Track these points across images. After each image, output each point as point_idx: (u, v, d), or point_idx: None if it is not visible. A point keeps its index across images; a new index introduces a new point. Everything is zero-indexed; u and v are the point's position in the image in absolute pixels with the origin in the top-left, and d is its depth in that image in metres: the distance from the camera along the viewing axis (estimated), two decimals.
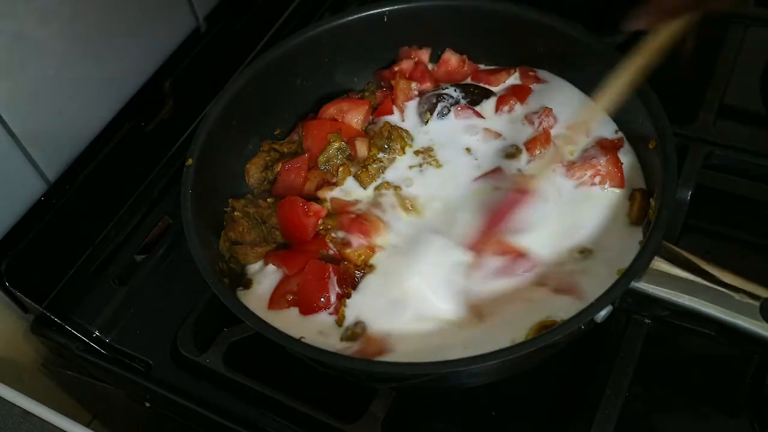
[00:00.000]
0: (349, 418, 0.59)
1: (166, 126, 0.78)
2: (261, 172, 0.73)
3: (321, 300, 0.63)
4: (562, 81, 0.74)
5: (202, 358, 0.64)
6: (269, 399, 0.62)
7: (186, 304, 0.67)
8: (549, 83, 0.75)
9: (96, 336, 0.68)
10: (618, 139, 0.69)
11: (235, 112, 0.71)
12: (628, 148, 0.69)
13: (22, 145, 0.66)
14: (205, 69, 0.81)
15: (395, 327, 0.61)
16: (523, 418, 0.62)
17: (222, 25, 0.83)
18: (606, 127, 0.70)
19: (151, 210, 0.76)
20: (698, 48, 0.88)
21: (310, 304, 0.63)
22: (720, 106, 0.75)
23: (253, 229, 0.68)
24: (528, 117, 0.72)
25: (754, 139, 0.75)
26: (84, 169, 0.72)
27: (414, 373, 0.56)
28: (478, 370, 0.56)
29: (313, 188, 0.71)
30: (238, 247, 0.67)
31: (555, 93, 0.73)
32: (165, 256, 0.73)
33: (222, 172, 0.72)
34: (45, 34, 0.65)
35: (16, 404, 0.59)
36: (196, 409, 0.63)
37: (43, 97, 0.67)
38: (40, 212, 0.69)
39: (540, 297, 0.61)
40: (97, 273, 0.72)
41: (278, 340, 0.56)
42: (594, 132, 0.70)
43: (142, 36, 0.75)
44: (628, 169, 0.67)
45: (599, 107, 0.64)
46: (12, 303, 0.68)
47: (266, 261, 0.67)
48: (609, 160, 0.67)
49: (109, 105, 0.74)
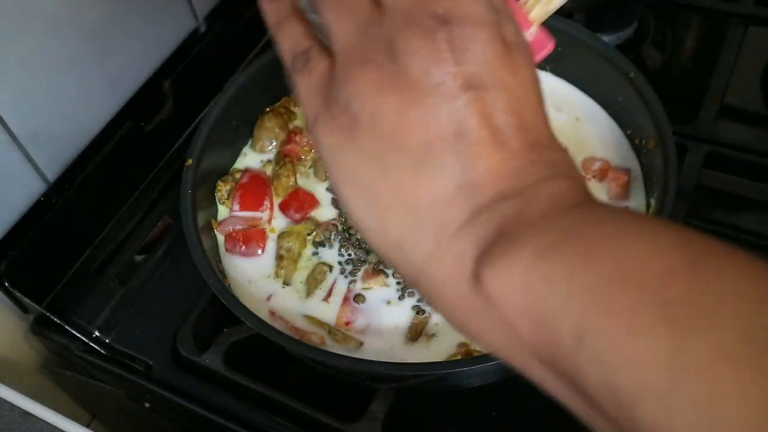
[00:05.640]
0: (349, 418, 0.59)
1: (165, 126, 0.78)
2: (276, 130, 0.73)
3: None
4: None
5: (202, 358, 0.64)
6: (269, 399, 0.62)
7: (186, 304, 0.67)
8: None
9: (96, 336, 0.68)
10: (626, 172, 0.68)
11: (235, 112, 0.71)
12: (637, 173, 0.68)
13: (22, 145, 0.66)
14: (204, 69, 0.81)
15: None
16: (523, 418, 0.62)
17: (221, 25, 0.83)
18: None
19: (151, 210, 0.76)
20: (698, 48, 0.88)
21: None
22: (720, 106, 0.75)
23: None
24: None
25: (754, 139, 0.75)
26: (84, 169, 0.71)
27: (414, 374, 0.56)
28: (478, 370, 0.56)
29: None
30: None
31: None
32: (165, 256, 0.73)
33: (222, 171, 0.72)
34: (44, 34, 0.65)
35: (16, 404, 0.58)
36: (196, 409, 0.63)
37: (42, 97, 0.67)
38: (40, 212, 0.69)
39: None
40: (97, 273, 0.72)
41: (278, 340, 0.56)
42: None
43: (142, 36, 0.75)
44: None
45: None
46: (12, 303, 0.68)
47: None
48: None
49: (108, 105, 0.74)
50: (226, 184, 0.71)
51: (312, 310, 0.64)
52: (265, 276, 0.66)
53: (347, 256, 0.66)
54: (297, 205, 0.70)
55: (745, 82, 0.79)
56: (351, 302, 0.64)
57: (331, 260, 0.66)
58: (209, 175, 0.70)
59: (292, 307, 0.64)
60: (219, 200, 0.71)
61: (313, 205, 0.70)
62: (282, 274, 0.66)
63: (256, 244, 0.67)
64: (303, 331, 0.62)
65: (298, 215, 0.69)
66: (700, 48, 0.88)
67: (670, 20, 0.87)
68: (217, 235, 0.69)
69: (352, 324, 0.63)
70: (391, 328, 0.62)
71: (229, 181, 0.71)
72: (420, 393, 0.65)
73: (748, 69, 0.80)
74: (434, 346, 0.61)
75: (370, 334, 0.62)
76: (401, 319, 0.62)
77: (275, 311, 0.64)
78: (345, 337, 0.61)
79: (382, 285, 0.64)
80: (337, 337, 0.61)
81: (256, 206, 0.70)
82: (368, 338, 0.62)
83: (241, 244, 0.67)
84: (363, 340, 0.61)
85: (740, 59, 0.79)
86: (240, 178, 0.72)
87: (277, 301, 0.65)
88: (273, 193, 0.71)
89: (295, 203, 0.70)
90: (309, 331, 0.62)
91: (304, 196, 0.70)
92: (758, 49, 0.82)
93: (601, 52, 0.68)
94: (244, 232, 0.68)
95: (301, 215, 0.69)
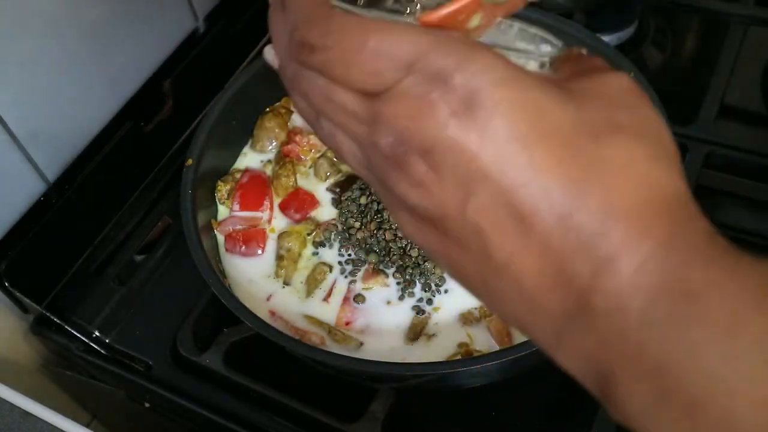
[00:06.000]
0: (349, 418, 0.59)
1: (165, 126, 0.78)
2: (276, 130, 0.73)
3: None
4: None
5: (202, 358, 0.64)
6: (269, 399, 0.62)
7: (186, 304, 0.67)
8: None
9: (96, 336, 0.68)
10: None
11: (235, 112, 0.71)
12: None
13: (22, 145, 0.66)
14: (204, 69, 0.81)
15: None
16: (523, 418, 0.62)
17: (221, 25, 0.83)
18: None
19: (151, 210, 0.76)
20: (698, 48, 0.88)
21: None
22: (720, 106, 0.75)
23: None
24: None
25: (754, 139, 0.75)
26: (84, 169, 0.71)
27: (414, 374, 0.56)
28: (478, 370, 0.56)
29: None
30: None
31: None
32: (165, 256, 0.73)
33: (222, 171, 0.72)
34: (44, 34, 0.65)
35: (16, 404, 0.58)
36: (196, 409, 0.63)
37: (42, 97, 0.67)
38: (40, 212, 0.69)
39: None
40: (97, 273, 0.72)
41: (278, 340, 0.56)
42: None
43: (142, 36, 0.75)
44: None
45: None
46: (12, 303, 0.68)
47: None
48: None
49: (108, 105, 0.74)
50: (226, 184, 0.71)
51: (312, 310, 0.64)
52: (265, 276, 0.66)
53: (347, 256, 0.66)
54: (297, 205, 0.70)
55: (745, 82, 0.79)
56: (351, 302, 0.64)
57: (331, 260, 0.66)
58: (209, 175, 0.70)
59: (292, 307, 0.64)
60: (219, 200, 0.71)
61: (313, 205, 0.70)
62: (282, 274, 0.66)
63: (256, 244, 0.67)
64: (303, 331, 0.62)
65: (298, 215, 0.69)
66: (700, 48, 0.88)
67: (670, 20, 0.87)
68: (217, 235, 0.69)
69: (352, 324, 0.63)
70: (391, 328, 0.62)
71: (229, 181, 0.71)
72: (420, 393, 0.65)
73: (748, 69, 0.80)
74: (434, 346, 0.61)
75: (370, 334, 0.62)
76: (401, 319, 0.62)
77: (275, 311, 0.64)
78: (345, 337, 0.61)
79: (382, 285, 0.64)
80: (337, 337, 0.61)
81: (256, 206, 0.70)
82: (368, 338, 0.62)
83: (241, 244, 0.67)
84: (363, 340, 0.61)
85: (740, 59, 0.79)
86: (240, 178, 0.72)
87: (277, 301, 0.65)
88: (273, 193, 0.71)
89: (295, 203, 0.70)
90: (309, 331, 0.62)
91: (304, 196, 0.70)
92: (758, 49, 0.82)
93: (601, 52, 0.68)
94: (244, 232, 0.68)
95: (301, 215, 0.69)
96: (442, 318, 0.62)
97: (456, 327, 0.61)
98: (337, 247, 0.67)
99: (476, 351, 0.59)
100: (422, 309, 0.62)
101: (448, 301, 0.62)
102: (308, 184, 0.72)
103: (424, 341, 0.61)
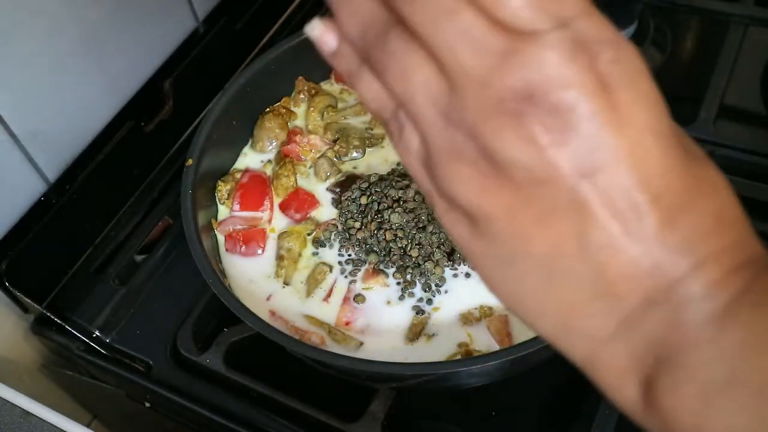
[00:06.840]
0: (349, 418, 0.59)
1: (165, 126, 0.78)
2: (276, 130, 0.73)
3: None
4: None
5: (202, 358, 0.64)
6: (269, 399, 0.62)
7: (186, 304, 0.67)
8: None
9: (96, 336, 0.68)
10: None
11: (235, 111, 0.71)
12: None
13: (22, 145, 0.66)
14: (204, 69, 0.81)
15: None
16: (523, 418, 0.62)
17: (221, 25, 0.83)
18: None
19: (151, 210, 0.76)
20: (698, 48, 0.88)
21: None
22: (720, 106, 0.75)
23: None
24: None
25: (755, 139, 0.75)
26: (84, 169, 0.72)
27: (414, 374, 0.56)
28: (478, 370, 0.56)
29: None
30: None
31: None
32: (165, 256, 0.73)
33: (222, 171, 0.72)
34: (44, 34, 0.65)
35: (16, 404, 0.58)
36: (196, 409, 0.63)
37: (42, 97, 0.67)
38: (40, 212, 0.69)
39: None
40: (97, 273, 0.72)
41: (278, 340, 0.56)
42: None
43: (142, 36, 0.75)
44: None
45: None
46: (12, 303, 0.68)
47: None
48: None
49: (108, 105, 0.74)
50: (227, 184, 0.71)
51: (312, 310, 0.64)
52: (265, 276, 0.66)
53: (347, 256, 0.66)
54: (297, 205, 0.70)
55: (745, 82, 0.79)
56: (351, 302, 0.64)
57: (331, 260, 0.66)
58: (209, 175, 0.70)
59: (292, 307, 0.64)
60: (219, 200, 0.71)
61: (313, 205, 0.70)
62: (282, 274, 0.66)
63: (257, 244, 0.67)
64: (303, 331, 0.62)
65: (298, 215, 0.69)
66: (700, 48, 0.88)
67: (670, 20, 0.87)
68: (217, 235, 0.69)
69: (352, 324, 0.63)
70: (391, 328, 0.62)
71: (229, 181, 0.71)
72: (420, 393, 0.65)
73: (748, 69, 0.80)
74: (434, 346, 0.61)
75: (370, 334, 0.62)
76: (401, 319, 0.62)
77: (275, 311, 0.64)
78: (345, 337, 0.61)
79: (382, 285, 0.64)
80: (337, 337, 0.61)
81: (256, 206, 0.70)
82: (368, 338, 0.62)
83: (242, 243, 0.67)
84: (363, 340, 0.62)
85: (740, 59, 0.79)
86: (240, 178, 0.72)
87: (277, 300, 0.65)
88: (273, 193, 0.71)
89: (295, 203, 0.70)
90: (309, 331, 0.62)
91: (304, 196, 0.70)
92: (758, 49, 0.82)
93: None
94: (245, 232, 0.68)
95: (301, 215, 0.69)
96: (442, 318, 0.62)
97: (456, 327, 0.61)
98: (337, 247, 0.67)
99: (476, 351, 0.59)
100: (422, 309, 0.62)
101: (448, 301, 0.63)
102: (308, 184, 0.72)
103: (424, 341, 0.61)
